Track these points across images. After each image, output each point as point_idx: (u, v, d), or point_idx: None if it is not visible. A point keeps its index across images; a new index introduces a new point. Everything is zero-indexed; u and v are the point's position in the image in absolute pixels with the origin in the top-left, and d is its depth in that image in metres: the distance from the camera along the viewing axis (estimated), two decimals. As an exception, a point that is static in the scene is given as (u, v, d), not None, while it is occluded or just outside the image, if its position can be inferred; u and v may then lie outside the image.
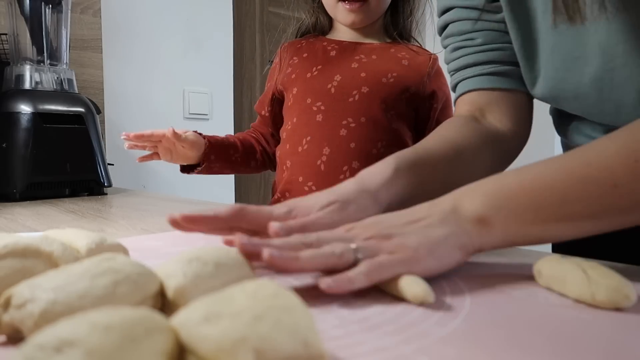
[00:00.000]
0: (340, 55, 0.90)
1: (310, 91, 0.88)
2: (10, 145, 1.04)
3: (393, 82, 0.86)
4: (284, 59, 0.96)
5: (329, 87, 0.87)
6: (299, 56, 0.93)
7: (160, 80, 1.68)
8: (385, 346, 0.26)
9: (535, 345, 0.26)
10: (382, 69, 0.87)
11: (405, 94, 0.86)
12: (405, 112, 0.87)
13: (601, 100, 0.51)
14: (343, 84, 0.86)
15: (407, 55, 0.89)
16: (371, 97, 0.85)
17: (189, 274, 0.28)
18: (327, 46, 0.92)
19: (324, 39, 0.95)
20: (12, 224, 0.73)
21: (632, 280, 0.37)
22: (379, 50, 0.90)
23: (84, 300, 0.25)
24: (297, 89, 0.90)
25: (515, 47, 0.58)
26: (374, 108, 0.85)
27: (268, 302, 0.22)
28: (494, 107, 0.62)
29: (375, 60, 0.88)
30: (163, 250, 0.51)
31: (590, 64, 0.50)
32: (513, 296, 0.35)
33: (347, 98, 0.86)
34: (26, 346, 0.18)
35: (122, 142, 0.93)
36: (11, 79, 1.12)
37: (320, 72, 0.89)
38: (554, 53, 0.53)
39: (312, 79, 0.89)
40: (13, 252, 0.31)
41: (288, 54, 0.96)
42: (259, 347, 0.19)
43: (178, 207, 0.91)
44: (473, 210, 0.39)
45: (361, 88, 0.85)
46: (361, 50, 0.90)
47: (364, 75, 0.86)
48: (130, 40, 1.61)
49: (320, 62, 0.90)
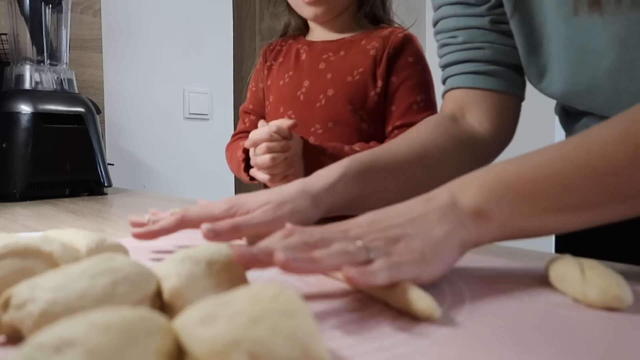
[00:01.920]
0: (310, 58, 0.88)
1: (282, 100, 0.87)
2: (10, 145, 1.04)
3: (359, 79, 0.82)
4: (264, 61, 0.95)
5: (299, 95, 0.85)
6: (276, 61, 0.92)
7: (160, 80, 1.68)
8: (385, 346, 0.26)
9: (535, 345, 0.26)
10: (347, 67, 0.84)
11: (373, 90, 0.82)
12: (374, 107, 0.82)
13: (617, 93, 0.51)
14: (311, 90, 0.85)
15: (377, 44, 0.84)
16: (336, 100, 0.82)
17: (182, 274, 0.28)
18: (300, 49, 0.90)
19: (300, 40, 0.93)
20: (12, 224, 0.73)
21: (632, 280, 0.37)
22: (349, 44, 0.86)
23: (84, 300, 0.25)
24: (272, 97, 0.89)
25: (519, 42, 0.58)
26: (340, 111, 0.82)
27: (267, 305, 0.21)
28: (474, 107, 0.62)
29: (342, 57, 0.85)
30: (163, 250, 0.51)
31: (607, 56, 0.50)
32: (513, 296, 0.35)
33: (314, 104, 0.84)
34: (26, 346, 0.18)
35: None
36: (11, 79, 1.12)
37: (291, 79, 0.87)
38: (567, 46, 0.52)
39: (284, 87, 0.88)
40: (13, 252, 0.31)
41: (268, 57, 0.95)
42: (253, 351, 0.19)
43: (178, 207, 0.91)
44: (471, 204, 0.37)
45: (327, 91, 0.83)
46: (331, 47, 0.87)
47: (329, 77, 0.84)
48: (131, 40, 1.61)
49: (292, 67, 0.89)
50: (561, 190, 0.37)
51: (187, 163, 1.74)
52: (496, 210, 0.37)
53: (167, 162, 1.70)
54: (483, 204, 0.37)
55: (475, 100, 0.62)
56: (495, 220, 0.37)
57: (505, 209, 0.37)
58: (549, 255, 0.47)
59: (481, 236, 0.38)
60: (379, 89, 0.82)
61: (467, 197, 0.38)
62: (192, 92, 1.75)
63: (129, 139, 1.59)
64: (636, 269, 0.43)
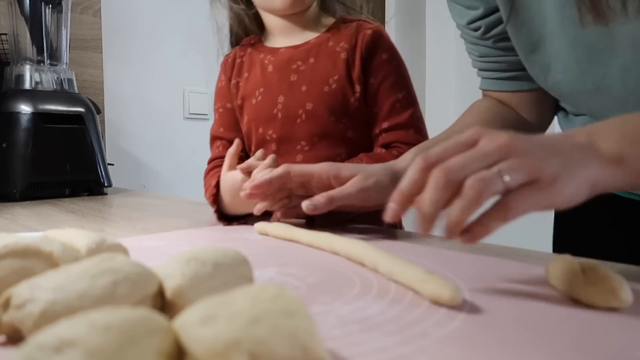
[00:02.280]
0: (278, 69, 0.81)
1: (259, 119, 0.81)
2: (10, 145, 1.04)
3: (336, 87, 0.77)
4: (228, 77, 0.87)
5: (276, 112, 0.80)
6: (241, 77, 0.85)
7: (160, 80, 1.68)
8: (385, 346, 0.26)
9: (535, 345, 0.26)
10: (321, 76, 0.78)
11: (352, 96, 0.78)
12: (357, 113, 0.79)
13: (625, 93, 0.51)
14: (288, 106, 0.79)
15: (346, 45, 0.79)
16: (318, 113, 0.77)
17: (187, 274, 0.28)
18: (263, 59, 0.83)
19: (261, 48, 0.85)
20: (12, 224, 0.73)
21: (632, 280, 0.37)
22: (316, 49, 0.80)
23: (84, 301, 0.25)
24: (247, 117, 0.83)
25: (518, 43, 0.58)
26: (324, 123, 0.78)
27: (267, 305, 0.21)
28: (509, 103, 0.66)
29: (313, 65, 0.79)
30: (163, 251, 0.51)
31: (619, 55, 0.50)
32: (513, 296, 0.35)
33: (294, 120, 0.79)
34: (26, 346, 0.18)
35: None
36: (11, 79, 1.12)
37: (264, 96, 0.81)
38: (574, 46, 0.53)
39: (257, 106, 0.82)
40: (13, 252, 0.31)
41: (231, 74, 0.87)
42: (253, 351, 0.19)
43: (178, 207, 0.91)
44: (612, 148, 0.36)
45: (305, 105, 0.78)
46: (298, 55, 0.81)
47: (305, 90, 0.78)
48: (130, 40, 1.61)
49: (261, 83, 0.82)
50: None
51: (187, 163, 1.74)
52: (634, 156, 0.36)
53: (167, 162, 1.70)
54: (626, 150, 0.36)
55: (508, 99, 0.66)
56: (632, 165, 0.36)
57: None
58: (549, 255, 0.47)
59: (616, 181, 0.37)
60: (358, 94, 0.78)
61: (608, 142, 0.37)
62: (192, 92, 1.75)
63: (128, 139, 1.59)
64: (636, 269, 0.43)
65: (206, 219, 0.75)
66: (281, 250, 0.51)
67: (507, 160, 0.33)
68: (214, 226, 0.68)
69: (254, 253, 0.49)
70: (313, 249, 0.51)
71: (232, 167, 0.70)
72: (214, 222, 0.71)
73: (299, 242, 0.54)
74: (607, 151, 0.36)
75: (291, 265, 0.44)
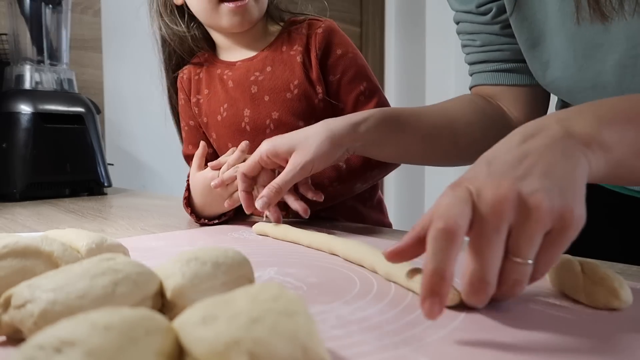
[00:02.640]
0: (237, 83, 0.80)
1: (227, 135, 0.81)
2: (10, 145, 1.04)
3: (298, 92, 0.77)
4: (188, 97, 0.86)
5: (244, 126, 0.79)
6: (202, 94, 0.83)
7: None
8: (385, 346, 0.26)
9: (535, 345, 0.26)
10: (282, 83, 0.78)
11: (316, 98, 0.77)
12: (323, 113, 0.77)
13: (621, 89, 0.51)
14: (254, 117, 0.78)
15: (300, 48, 0.78)
16: (285, 120, 0.77)
17: (187, 274, 0.28)
18: (222, 75, 0.82)
19: (216, 62, 0.83)
20: (12, 224, 0.73)
21: (632, 280, 0.37)
22: (272, 57, 0.80)
23: (84, 301, 0.25)
24: (215, 134, 0.83)
25: (520, 37, 0.58)
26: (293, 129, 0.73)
27: (267, 306, 0.21)
28: (500, 99, 0.66)
29: (271, 73, 0.79)
30: (163, 250, 0.51)
31: (614, 51, 0.50)
32: (513, 296, 0.35)
33: (263, 131, 0.78)
34: (26, 346, 0.18)
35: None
36: (11, 79, 1.12)
37: (229, 112, 0.80)
38: (573, 41, 0.53)
39: (224, 122, 0.81)
40: (13, 252, 0.31)
41: (189, 90, 0.86)
42: (253, 351, 0.19)
43: (178, 207, 0.91)
44: (589, 132, 0.33)
45: (271, 115, 0.78)
46: (254, 66, 0.80)
47: (268, 99, 0.78)
48: (131, 40, 1.61)
49: (224, 99, 0.81)
50: None
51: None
52: (616, 140, 0.34)
53: (167, 162, 1.70)
54: (603, 132, 0.34)
55: (500, 94, 0.66)
56: (613, 151, 0.34)
57: (626, 140, 0.34)
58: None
59: (598, 168, 0.34)
60: (321, 94, 0.77)
61: (584, 126, 0.34)
62: (192, 92, 1.75)
63: (129, 139, 1.59)
64: (636, 269, 0.43)
65: (206, 219, 0.75)
66: (281, 250, 0.51)
67: (519, 239, 0.29)
68: (214, 226, 0.68)
69: (254, 253, 0.49)
70: (313, 249, 0.51)
71: (200, 168, 0.71)
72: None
73: (297, 243, 0.54)
74: (585, 135, 0.33)
75: (291, 266, 0.44)
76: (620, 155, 0.34)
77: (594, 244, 0.66)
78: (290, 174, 0.57)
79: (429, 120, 0.62)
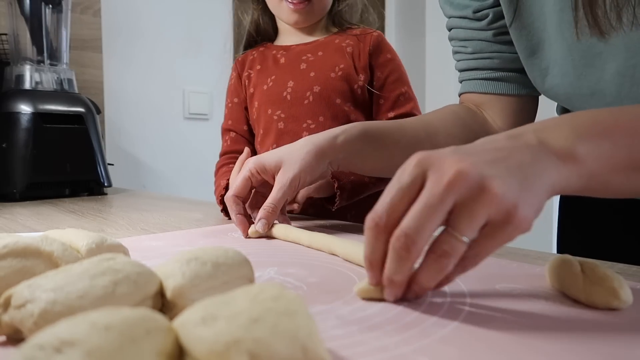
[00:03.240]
0: (289, 60, 0.91)
1: (268, 102, 0.89)
2: (10, 145, 1.04)
3: (342, 74, 0.86)
4: (240, 74, 0.96)
5: (285, 95, 0.88)
6: (254, 69, 0.94)
7: (160, 80, 1.68)
8: (385, 346, 0.26)
9: (535, 345, 0.26)
10: (329, 64, 0.87)
11: (356, 83, 0.87)
12: (361, 99, 0.87)
13: (619, 97, 0.51)
14: (296, 89, 0.87)
15: (352, 42, 0.89)
16: (324, 95, 0.86)
17: (187, 274, 0.28)
18: (276, 54, 0.92)
19: (272, 46, 0.95)
20: (12, 224, 0.73)
21: (632, 280, 0.37)
22: (324, 45, 0.90)
23: (84, 300, 0.25)
24: (257, 102, 0.91)
25: (519, 45, 0.58)
26: (329, 104, 0.86)
27: (268, 305, 0.21)
28: (488, 108, 0.66)
29: (321, 56, 0.89)
30: (163, 250, 0.51)
31: (613, 60, 0.50)
32: (513, 296, 0.35)
33: (302, 101, 0.86)
34: (26, 346, 0.18)
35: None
36: (11, 79, 1.12)
37: (275, 82, 0.90)
38: (571, 49, 0.53)
39: (268, 90, 0.90)
40: (13, 252, 0.31)
41: (243, 68, 0.96)
42: (253, 351, 0.19)
43: (178, 207, 0.91)
44: (563, 145, 0.34)
45: (313, 88, 0.86)
46: (308, 49, 0.91)
47: (313, 75, 0.87)
48: (130, 40, 1.61)
49: (273, 72, 0.91)
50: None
51: (187, 163, 1.74)
52: (590, 154, 0.34)
53: (167, 162, 1.70)
54: (578, 146, 0.34)
55: (488, 103, 0.66)
56: (587, 165, 0.34)
57: (600, 155, 0.34)
58: (549, 255, 0.47)
59: (569, 181, 0.34)
60: (362, 82, 0.87)
61: (559, 139, 0.34)
62: (192, 92, 1.75)
63: (129, 139, 1.59)
64: (636, 269, 0.43)
65: (206, 219, 0.75)
66: (281, 250, 0.51)
67: (461, 214, 0.30)
68: (214, 226, 0.68)
69: (254, 253, 0.49)
70: (313, 249, 0.51)
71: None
72: (214, 222, 0.71)
73: (297, 244, 0.54)
74: (559, 148, 0.34)
75: (291, 265, 0.44)
76: (594, 169, 0.34)
77: (594, 245, 0.66)
78: (280, 191, 0.57)
79: (410, 133, 0.63)
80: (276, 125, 0.87)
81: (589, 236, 0.67)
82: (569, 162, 0.33)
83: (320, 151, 0.58)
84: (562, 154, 0.33)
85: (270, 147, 0.88)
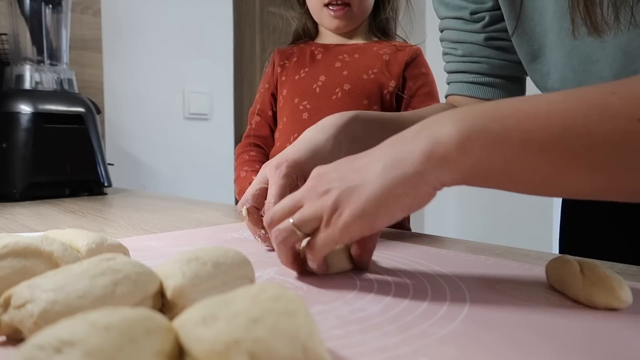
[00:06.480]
0: (326, 57, 0.94)
1: (297, 91, 0.92)
2: (10, 145, 1.04)
3: (374, 77, 0.88)
4: (276, 63, 1.00)
5: (314, 87, 0.90)
6: (290, 60, 0.98)
7: (160, 80, 1.68)
8: (385, 346, 0.26)
9: (535, 345, 0.26)
10: (363, 66, 0.90)
11: (386, 88, 0.89)
12: (388, 104, 0.89)
13: None
14: (327, 83, 0.90)
15: (389, 51, 0.92)
16: (353, 94, 0.88)
17: (187, 274, 0.28)
18: (314, 50, 0.96)
19: (312, 43, 0.99)
20: (12, 224, 0.73)
21: (632, 280, 0.37)
22: (362, 49, 0.93)
23: (84, 301, 0.25)
24: (286, 90, 0.94)
25: (521, 51, 0.59)
26: (356, 104, 0.88)
27: (268, 305, 0.21)
28: None
29: (357, 58, 0.91)
30: (163, 250, 0.51)
31: (611, 66, 0.50)
32: (513, 296, 0.35)
33: (330, 96, 0.89)
34: (26, 346, 0.18)
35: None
36: (11, 79, 1.12)
37: (307, 74, 0.93)
38: (570, 56, 0.53)
39: (299, 81, 0.93)
40: (13, 252, 0.31)
41: (280, 58, 1.00)
42: (253, 351, 0.19)
43: (178, 207, 0.91)
44: (444, 128, 0.33)
45: (343, 85, 0.89)
46: (345, 50, 0.93)
47: (345, 74, 0.89)
48: (130, 40, 1.61)
49: (307, 64, 0.94)
50: (564, 129, 0.30)
51: (187, 163, 1.74)
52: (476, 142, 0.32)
53: (167, 162, 1.70)
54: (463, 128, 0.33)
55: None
56: (472, 155, 0.32)
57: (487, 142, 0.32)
58: (549, 255, 0.47)
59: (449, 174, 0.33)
60: (392, 89, 0.89)
61: (445, 125, 0.33)
62: (192, 92, 1.75)
63: (129, 139, 1.59)
64: (636, 269, 0.43)
65: (206, 219, 0.75)
66: (281, 250, 0.51)
67: (301, 209, 0.37)
68: (214, 226, 0.68)
69: (254, 253, 0.49)
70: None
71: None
72: (214, 222, 0.71)
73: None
74: (441, 131, 0.33)
75: (291, 265, 0.44)
76: (480, 155, 0.32)
77: (594, 245, 0.66)
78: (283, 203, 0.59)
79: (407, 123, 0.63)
80: (300, 115, 0.90)
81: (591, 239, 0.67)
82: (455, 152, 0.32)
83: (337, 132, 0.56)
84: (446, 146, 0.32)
85: (291, 135, 0.90)
